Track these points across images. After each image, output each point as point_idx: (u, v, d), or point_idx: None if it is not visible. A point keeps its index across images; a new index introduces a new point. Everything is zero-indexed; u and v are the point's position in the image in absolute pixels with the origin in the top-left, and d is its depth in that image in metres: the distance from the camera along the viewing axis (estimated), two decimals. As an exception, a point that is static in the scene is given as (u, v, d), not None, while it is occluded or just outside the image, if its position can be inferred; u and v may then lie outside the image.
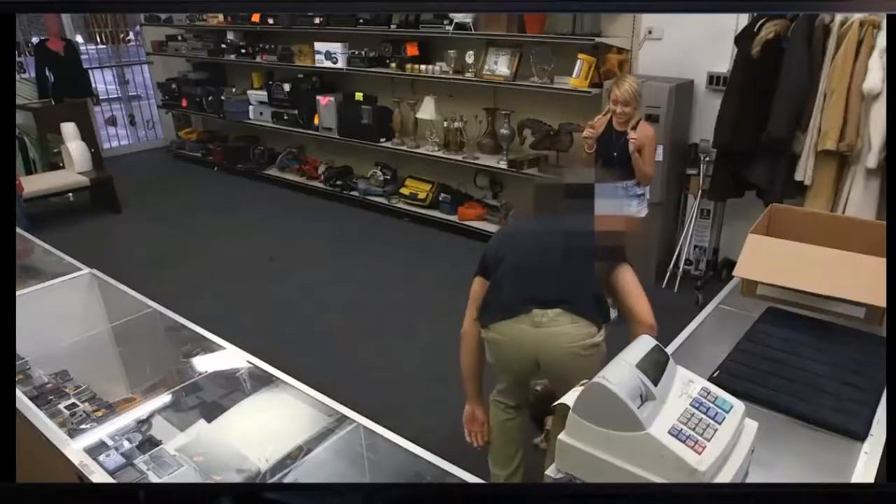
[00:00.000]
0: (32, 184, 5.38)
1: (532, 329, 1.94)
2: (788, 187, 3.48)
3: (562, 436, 1.28)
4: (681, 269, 4.18)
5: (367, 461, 1.65)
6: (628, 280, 2.06)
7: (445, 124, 5.16)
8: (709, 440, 1.18)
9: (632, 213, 3.50)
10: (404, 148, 5.46)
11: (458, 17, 4.71)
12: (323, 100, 5.86)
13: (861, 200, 3.27)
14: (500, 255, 2.09)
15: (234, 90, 6.92)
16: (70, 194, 5.94)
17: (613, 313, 2.86)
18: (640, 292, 2.05)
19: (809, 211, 2.85)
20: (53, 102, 6.34)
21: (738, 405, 1.29)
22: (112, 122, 8.14)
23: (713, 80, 4.01)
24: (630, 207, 3.49)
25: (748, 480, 1.28)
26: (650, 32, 4.18)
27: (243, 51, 6.65)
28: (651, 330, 1.98)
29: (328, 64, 5.72)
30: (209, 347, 2.05)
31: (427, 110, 5.15)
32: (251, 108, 6.74)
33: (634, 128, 3.34)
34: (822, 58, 3.26)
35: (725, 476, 1.19)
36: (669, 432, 1.17)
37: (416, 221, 5.48)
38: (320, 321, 3.92)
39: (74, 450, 1.60)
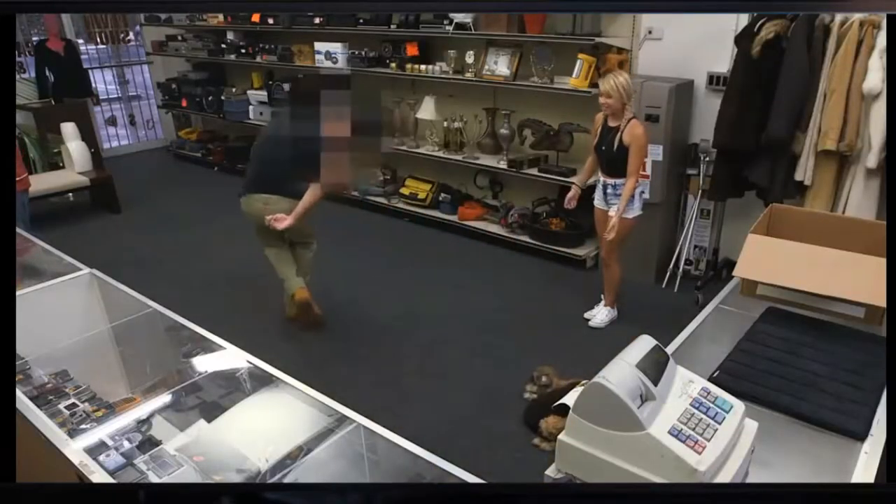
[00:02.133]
0: (33, 183, 5.35)
1: (262, 205, 3.34)
2: (788, 187, 3.48)
3: (562, 436, 1.28)
4: (681, 269, 4.18)
5: (367, 461, 1.65)
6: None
7: (445, 124, 5.16)
8: (709, 440, 1.18)
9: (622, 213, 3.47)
10: (404, 148, 5.45)
11: (458, 17, 4.71)
12: (323, 100, 5.85)
13: (861, 200, 3.27)
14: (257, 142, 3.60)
15: (234, 90, 6.92)
16: (70, 194, 5.94)
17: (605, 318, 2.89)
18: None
19: (809, 211, 2.85)
20: (53, 102, 6.33)
21: (738, 405, 1.29)
22: (112, 122, 8.13)
23: (713, 80, 4.01)
24: (619, 206, 3.47)
25: (748, 480, 1.28)
26: (650, 32, 4.18)
27: (243, 51, 6.65)
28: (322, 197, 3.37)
29: (328, 64, 5.71)
30: (209, 347, 2.05)
31: (427, 110, 5.15)
32: (251, 108, 6.74)
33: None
34: (822, 58, 3.26)
35: (725, 476, 1.19)
36: (669, 432, 1.18)
37: (416, 221, 5.48)
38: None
39: (74, 450, 1.60)
